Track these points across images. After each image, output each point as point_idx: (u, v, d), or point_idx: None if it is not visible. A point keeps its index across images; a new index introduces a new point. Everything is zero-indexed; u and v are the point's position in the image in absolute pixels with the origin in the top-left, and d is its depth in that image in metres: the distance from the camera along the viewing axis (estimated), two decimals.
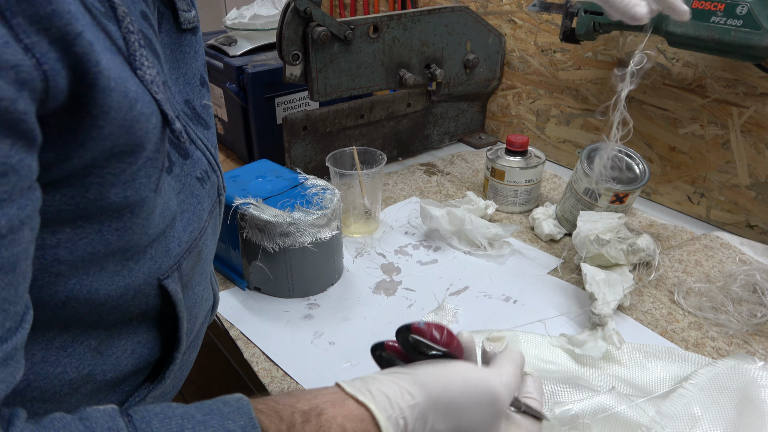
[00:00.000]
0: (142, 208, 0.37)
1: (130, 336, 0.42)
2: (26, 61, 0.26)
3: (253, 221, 0.70)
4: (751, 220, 0.90)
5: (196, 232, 0.45)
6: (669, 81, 0.93)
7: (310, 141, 1.03)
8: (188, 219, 0.44)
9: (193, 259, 0.45)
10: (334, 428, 0.36)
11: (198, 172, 0.45)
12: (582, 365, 0.64)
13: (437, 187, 1.07)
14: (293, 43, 0.91)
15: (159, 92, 0.35)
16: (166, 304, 0.43)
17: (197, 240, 0.45)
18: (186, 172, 0.43)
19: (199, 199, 0.45)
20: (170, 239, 0.41)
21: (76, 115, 0.30)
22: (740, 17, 0.68)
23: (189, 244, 0.44)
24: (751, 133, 0.86)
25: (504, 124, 1.26)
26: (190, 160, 0.44)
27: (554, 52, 1.10)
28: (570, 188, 0.88)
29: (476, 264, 0.84)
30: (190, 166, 0.44)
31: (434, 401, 0.39)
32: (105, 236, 0.35)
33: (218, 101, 1.21)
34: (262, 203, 0.72)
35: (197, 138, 0.45)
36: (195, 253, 0.45)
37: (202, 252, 0.47)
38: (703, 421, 0.52)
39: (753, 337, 0.69)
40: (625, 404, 0.52)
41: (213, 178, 0.48)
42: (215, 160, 0.48)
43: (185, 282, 0.44)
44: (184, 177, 0.43)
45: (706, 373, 0.56)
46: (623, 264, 0.76)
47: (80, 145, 0.31)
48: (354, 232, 0.91)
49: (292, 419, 0.35)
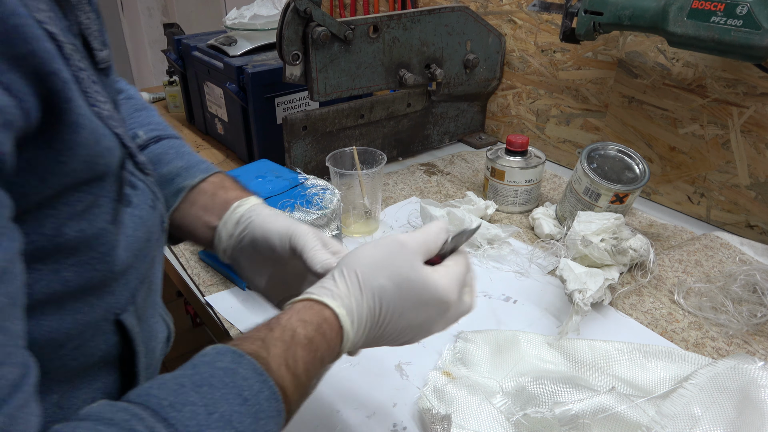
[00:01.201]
0: (100, 242, 0.35)
1: (91, 383, 0.40)
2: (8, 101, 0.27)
3: None
4: (751, 220, 0.90)
5: (149, 262, 0.44)
6: (669, 81, 0.93)
7: (310, 141, 1.03)
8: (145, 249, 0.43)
9: (146, 291, 0.44)
10: (294, 322, 0.40)
11: (149, 201, 0.44)
12: (582, 365, 0.64)
13: (437, 187, 1.07)
14: (293, 43, 0.91)
15: (118, 127, 0.35)
16: (124, 340, 0.41)
17: (149, 270, 0.44)
18: (142, 201, 0.43)
19: (154, 228, 0.44)
20: (130, 273, 0.40)
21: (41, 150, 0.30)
22: (740, 17, 0.68)
23: (143, 275, 0.42)
24: (751, 133, 0.86)
25: (504, 124, 1.26)
26: (140, 191, 0.43)
27: (554, 52, 1.10)
28: (570, 188, 0.88)
29: (476, 264, 0.84)
30: (142, 196, 0.43)
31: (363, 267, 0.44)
32: (63, 275, 0.34)
33: (218, 101, 1.21)
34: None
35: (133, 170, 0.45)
36: (147, 284, 0.44)
37: (152, 283, 0.46)
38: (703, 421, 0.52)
39: (753, 337, 0.69)
40: (625, 404, 0.52)
41: (158, 206, 0.46)
42: (157, 188, 0.47)
43: (140, 315, 0.43)
44: (142, 207, 0.42)
45: (706, 373, 0.56)
46: (611, 264, 0.76)
47: (40, 180, 0.31)
48: (354, 232, 0.91)
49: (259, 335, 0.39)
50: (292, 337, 0.39)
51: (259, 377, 0.36)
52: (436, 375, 0.62)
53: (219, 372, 0.35)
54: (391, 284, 0.43)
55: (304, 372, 0.39)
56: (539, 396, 0.56)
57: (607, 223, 0.76)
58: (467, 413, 0.56)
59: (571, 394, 0.55)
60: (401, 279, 0.43)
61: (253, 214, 0.53)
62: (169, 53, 1.33)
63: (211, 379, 0.35)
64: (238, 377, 0.35)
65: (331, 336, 0.41)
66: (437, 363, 0.65)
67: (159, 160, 0.55)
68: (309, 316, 0.41)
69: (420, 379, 0.63)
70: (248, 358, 0.36)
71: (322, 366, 0.41)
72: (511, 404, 0.57)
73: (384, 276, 0.43)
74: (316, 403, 0.61)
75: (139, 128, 0.57)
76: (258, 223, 0.52)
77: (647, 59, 0.95)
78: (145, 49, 2.72)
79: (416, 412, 0.59)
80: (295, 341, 0.39)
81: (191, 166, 0.55)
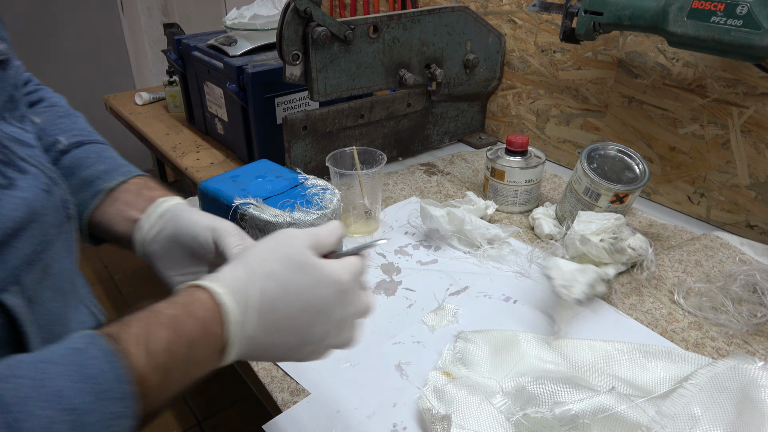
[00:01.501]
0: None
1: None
2: None
3: (253, 221, 0.70)
4: (751, 220, 0.90)
5: (39, 244, 0.43)
6: (669, 81, 0.93)
7: (310, 141, 1.03)
8: (30, 231, 0.42)
9: (38, 273, 0.43)
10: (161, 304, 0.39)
11: (41, 185, 0.44)
12: (582, 366, 0.64)
13: (437, 187, 1.07)
14: (293, 43, 0.91)
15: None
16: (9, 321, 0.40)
17: (41, 253, 0.43)
18: (31, 185, 0.43)
19: (45, 210, 0.44)
20: (7, 252, 0.40)
21: None
22: (740, 17, 0.68)
23: (30, 257, 0.42)
24: (751, 133, 0.86)
25: (504, 124, 1.26)
26: (30, 175, 0.43)
27: (554, 52, 1.10)
28: (570, 188, 0.88)
29: (476, 264, 0.84)
30: (32, 180, 0.43)
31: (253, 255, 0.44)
32: None
33: (218, 101, 1.21)
34: (262, 203, 0.72)
35: (26, 156, 0.44)
36: (39, 267, 0.43)
37: (50, 267, 0.44)
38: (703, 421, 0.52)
39: (753, 337, 0.69)
40: (625, 404, 0.52)
41: (56, 191, 0.46)
42: (54, 174, 0.47)
43: (31, 296, 0.42)
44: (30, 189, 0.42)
45: (706, 373, 0.56)
46: (609, 263, 0.76)
47: None
48: (354, 232, 0.91)
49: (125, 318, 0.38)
50: (155, 317, 0.38)
51: (106, 356, 0.34)
52: (436, 375, 0.62)
53: (66, 351, 0.35)
54: (282, 267, 0.42)
55: (165, 352, 0.37)
56: (539, 396, 0.56)
57: (607, 223, 0.77)
58: (467, 413, 0.56)
59: (571, 394, 0.55)
60: (292, 262, 0.43)
61: (178, 210, 0.53)
62: (169, 53, 1.33)
63: (55, 356, 0.34)
64: (84, 356, 0.34)
65: (205, 316, 0.39)
66: (437, 363, 0.65)
67: (80, 163, 0.56)
68: (179, 297, 0.40)
69: (420, 379, 0.63)
70: (100, 338, 0.35)
71: (191, 349, 0.38)
72: (511, 404, 0.57)
73: (274, 260, 0.43)
74: (315, 403, 0.61)
75: (61, 134, 0.57)
76: (184, 217, 0.52)
77: (647, 59, 0.95)
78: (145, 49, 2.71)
79: (416, 412, 0.59)
80: (157, 320, 0.38)
81: (112, 169, 0.56)
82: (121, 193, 0.55)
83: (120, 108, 1.57)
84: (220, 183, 0.77)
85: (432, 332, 0.70)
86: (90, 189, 0.55)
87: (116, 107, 1.58)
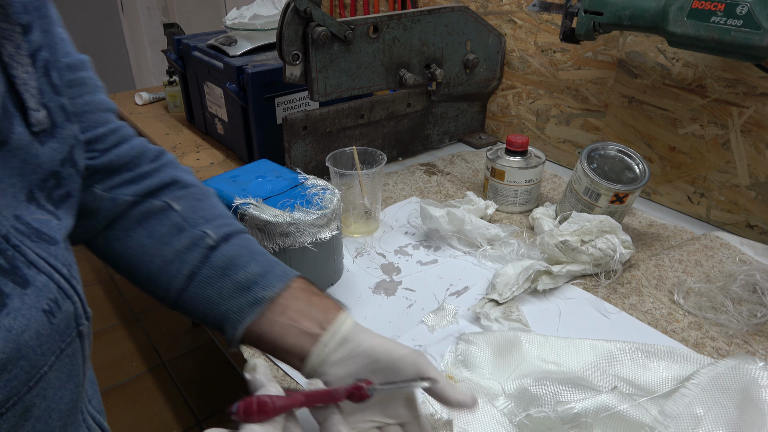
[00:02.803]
0: None
1: None
2: None
3: (253, 221, 0.70)
4: (751, 220, 0.90)
5: (20, 385, 0.34)
6: (669, 81, 0.93)
7: (310, 141, 1.03)
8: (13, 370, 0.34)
9: (15, 419, 0.35)
10: None
11: (44, 303, 0.36)
12: (584, 366, 0.64)
13: (437, 187, 1.07)
14: (293, 43, 0.91)
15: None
16: None
17: (22, 395, 0.35)
18: (27, 305, 0.34)
19: (39, 340, 0.35)
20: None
21: None
22: (740, 17, 0.68)
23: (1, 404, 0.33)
24: (751, 133, 0.86)
25: (504, 124, 1.26)
26: (33, 289, 0.35)
27: (554, 52, 1.10)
28: (570, 188, 0.88)
29: (476, 264, 0.84)
30: (33, 296, 0.35)
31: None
32: None
33: (218, 101, 1.21)
34: (262, 203, 0.72)
35: (38, 259, 0.36)
36: (15, 413, 0.34)
37: (32, 408, 0.36)
38: (706, 421, 0.52)
39: (753, 337, 0.69)
40: (628, 404, 0.52)
41: (66, 306, 0.38)
42: (69, 283, 0.38)
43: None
44: (20, 314, 0.33)
45: (707, 373, 0.56)
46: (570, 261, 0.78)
47: None
48: (354, 232, 0.91)
49: None
50: None
51: None
52: None
53: None
54: None
55: None
56: (542, 397, 0.56)
57: (589, 225, 0.77)
58: (469, 417, 0.56)
59: (573, 394, 0.55)
60: None
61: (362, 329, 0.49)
62: (169, 53, 1.33)
63: None
64: None
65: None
66: (440, 366, 0.65)
67: (233, 263, 0.50)
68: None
69: None
70: None
71: None
72: (514, 407, 0.57)
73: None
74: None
75: (206, 224, 0.51)
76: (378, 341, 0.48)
77: (647, 59, 0.95)
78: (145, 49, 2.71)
79: None
80: None
81: (268, 272, 0.50)
82: (290, 301, 0.49)
83: (120, 108, 1.57)
84: (220, 183, 0.77)
85: (432, 332, 0.70)
86: (248, 295, 0.48)
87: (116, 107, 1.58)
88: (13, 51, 0.34)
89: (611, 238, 0.77)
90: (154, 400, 1.74)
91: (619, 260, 0.77)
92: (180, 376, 1.83)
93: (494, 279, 0.77)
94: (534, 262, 0.77)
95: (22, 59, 0.35)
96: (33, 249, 0.36)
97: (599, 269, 0.79)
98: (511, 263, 0.78)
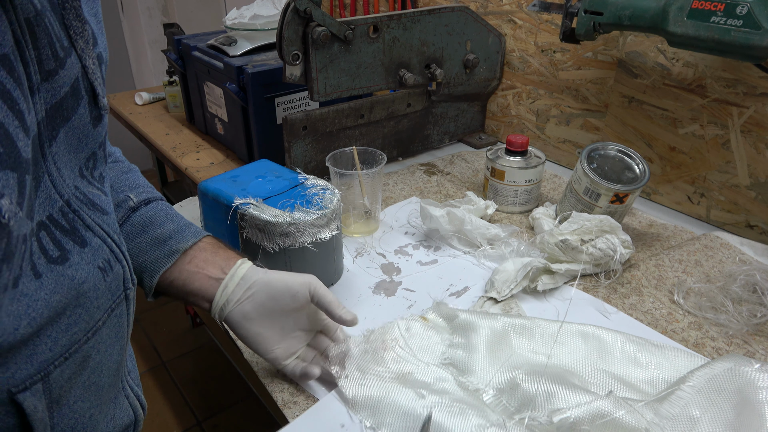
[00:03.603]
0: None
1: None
2: None
3: (253, 221, 0.70)
4: (751, 220, 0.90)
5: (80, 333, 0.38)
6: (669, 81, 0.93)
7: (310, 141, 1.03)
8: (73, 317, 0.37)
9: (73, 368, 0.38)
10: None
11: (99, 261, 0.40)
12: (575, 359, 0.64)
13: (437, 187, 1.07)
14: (293, 43, 0.91)
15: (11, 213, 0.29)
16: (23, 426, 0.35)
17: (82, 343, 0.39)
18: (85, 261, 0.38)
19: (96, 293, 0.40)
20: (38, 343, 0.35)
21: None
22: (740, 17, 0.68)
23: (66, 348, 0.37)
24: (751, 133, 0.86)
25: (504, 124, 1.26)
26: (90, 248, 0.39)
27: (554, 52, 1.10)
28: (570, 188, 0.88)
29: (476, 264, 0.84)
30: (90, 255, 0.39)
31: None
32: None
33: (218, 101, 1.21)
34: (262, 203, 0.72)
35: (94, 224, 0.41)
36: (76, 359, 0.38)
37: (89, 358, 0.40)
38: (702, 423, 0.52)
39: (753, 337, 0.69)
40: (624, 409, 0.52)
41: (117, 268, 0.43)
42: (120, 249, 0.43)
43: (56, 396, 0.37)
44: (81, 267, 0.38)
45: (703, 375, 0.56)
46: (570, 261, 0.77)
47: None
48: (354, 232, 0.91)
49: None
50: None
51: None
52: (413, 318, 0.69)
53: None
54: None
55: None
56: (535, 397, 0.55)
57: (589, 224, 0.77)
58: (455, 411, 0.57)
59: (568, 398, 0.55)
60: None
61: (262, 273, 0.59)
62: (169, 53, 1.33)
63: None
64: None
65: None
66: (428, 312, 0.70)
67: (151, 222, 0.59)
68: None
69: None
70: None
71: None
72: (506, 402, 0.57)
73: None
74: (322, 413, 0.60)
75: (129, 191, 0.60)
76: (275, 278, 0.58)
77: (647, 59, 0.95)
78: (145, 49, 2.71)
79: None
80: None
81: (182, 229, 0.60)
82: (198, 252, 0.58)
83: (120, 108, 1.57)
84: (220, 183, 0.77)
85: None
86: (163, 248, 0.57)
87: (116, 107, 1.58)
88: (84, 46, 0.38)
89: (611, 237, 0.77)
90: (154, 400, 1.74)
91: (618, 260, 0.77)
92: (180, 376, 1.83)
93: (493, 275, 0.77)
94: (533, 259, 0.77)
95: (91, 53, 0.39)
96: (89, 215, 0.40)
97: (599, 269, 0.79)
98: (512, 260, 0.78)
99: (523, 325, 0.67)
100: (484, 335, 0.66)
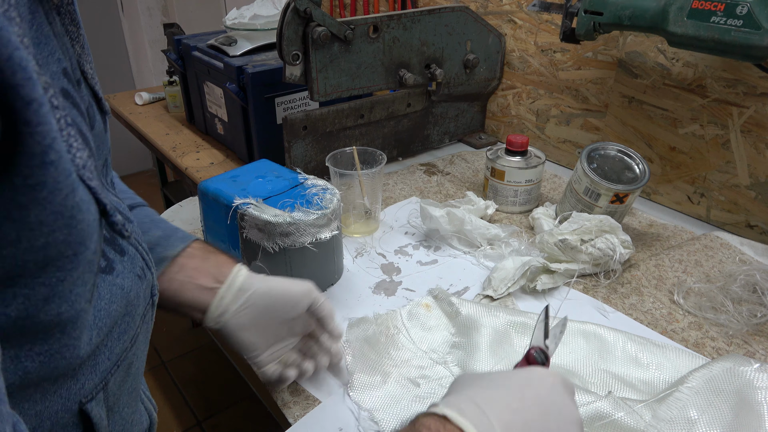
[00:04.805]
0: (75, 325, 0.30)
1: None
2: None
3: (253, 221, 0.70)
4: (751, 220, 0.90)
5: (127, 341, 0.39)
6: (669, 81, 0.93)
7: (310, 141, 1.03)
8: (123, 326, 0.38)
9: (122, 375, 0.39)
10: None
11: (137, 269, 0.40)
12: (576, 358, 0.64)
13: (437, 187, 1.07)
14: (293, 43, 0.91)
15: (93, 179, 0.30)
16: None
17: (128, 351, 0.39)
18: (127, 269, 0.38)
19: (138, 301, 0.40)
20: (100, 353, 0.35)
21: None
22: (740, 17, 0.68)
23: (119, 356, 0.37)
24: (751, 133, 0.86)
25: (504, 124, 1.26)
26: (128, 257, 0.39)
27: (554, 52, 1.10)
28: (570, 188, 0.88)
29: (476, 264, 0.84)
30: (129, 263, 0.38)
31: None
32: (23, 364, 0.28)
33: (218, 101, 1.21)
34: (262, 203, 0.72)
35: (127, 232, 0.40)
36: (124, 366, 0.39)
37: (132, 365, 0.41)
38: (700, 425, 0.52)
39: (753, 337, 0.69)
40: (623, 411, 0.52)
41: (148, 275, 0.42)
42: (149, 256, 0.43)
43: (111, 404, 0.37)
44: (126, 276, 0.38)
45: (701, 376, 0.56)
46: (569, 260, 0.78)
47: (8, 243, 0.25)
48: (354, 232, 0.91)
49: None
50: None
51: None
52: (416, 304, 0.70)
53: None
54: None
55: None
56: None
57: (589, 224, 0.77)
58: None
59: None
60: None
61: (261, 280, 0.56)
62: (169, 53, 1.33)
63: None
64: None
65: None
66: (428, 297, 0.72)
67: None
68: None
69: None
70: None
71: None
72: None
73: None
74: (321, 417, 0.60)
75: None
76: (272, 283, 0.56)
77: (647, 59, 0.95)
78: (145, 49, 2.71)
79: None
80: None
81: (169, 235, 0.56)
82: (187, 259, 0.55)
83: (120, 108, 1.57)
84: (220, 183, 0.77)
85: None
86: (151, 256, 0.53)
87: (116, 107, 1.58)
88: (80, 51, 0.37)
89: (611, 237, 0.77)
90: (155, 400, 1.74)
91: (618, 260, 0.77)
92: (180, 376, 1.83)
93: (492, 273, 0.77)
94: (532, 258, 0.77)
95: (88, 58, 0.38)
96: (125, 225, 0.39)
97: (599, 269, 0.79)
98: (511, 257, 0.78)
99: (524, 324, 0.67)
100: (486, 334, 0.66)
